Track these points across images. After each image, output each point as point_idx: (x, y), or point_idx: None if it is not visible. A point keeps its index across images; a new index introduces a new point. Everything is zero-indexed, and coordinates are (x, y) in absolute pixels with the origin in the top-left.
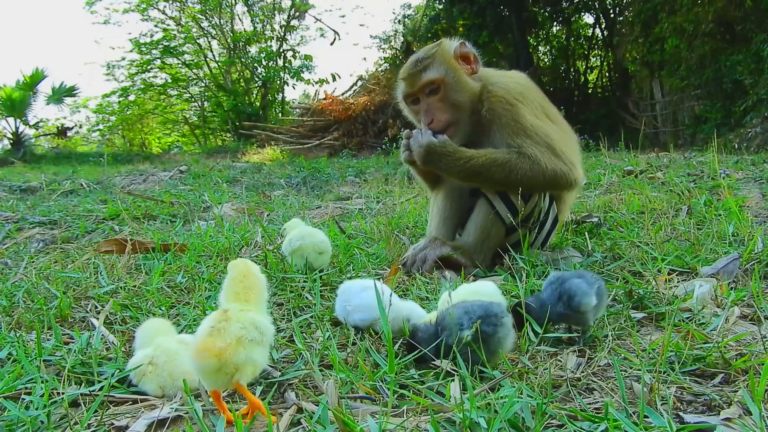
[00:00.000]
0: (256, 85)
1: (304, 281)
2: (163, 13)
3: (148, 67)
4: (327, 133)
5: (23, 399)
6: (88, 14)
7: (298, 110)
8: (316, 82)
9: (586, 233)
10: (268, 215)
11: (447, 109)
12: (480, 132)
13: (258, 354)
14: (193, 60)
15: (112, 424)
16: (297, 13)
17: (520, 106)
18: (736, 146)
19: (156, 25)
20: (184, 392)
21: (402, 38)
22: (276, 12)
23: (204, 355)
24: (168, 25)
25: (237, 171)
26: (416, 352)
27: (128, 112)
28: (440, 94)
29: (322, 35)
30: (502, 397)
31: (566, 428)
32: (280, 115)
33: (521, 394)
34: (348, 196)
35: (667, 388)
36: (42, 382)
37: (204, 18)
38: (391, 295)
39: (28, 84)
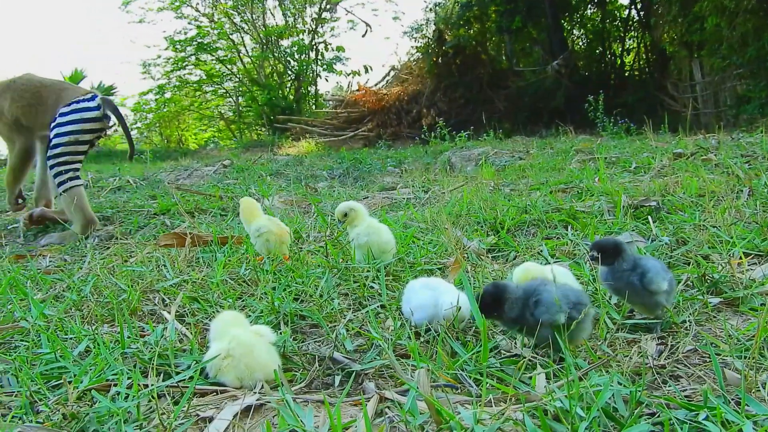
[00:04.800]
0: (290, 78)
1: (368, 271)
2: (197, 10)
3: (183, 64)
4: (361, 125)
5: (108, 391)
6: (123, 14)
7: (331, 102)
8: (349, 74)
9: (650, 217)
10: (314, 208)
11: None
12: None
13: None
14: (226, 56)
15: (197, 415)
16: (328, 6)
17: None
18: None
19: (190, 23)
20: (272, 382)
21: (434, 26)
22: (307, 5)
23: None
24: (201, 21)
25: (279, 164)
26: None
27: (165, 110)
28: None
29: (352, 27)
30: (593, 386)
31: (659, 417)
32: (313, 107)
33: (612, 382)
34: (392, 186)
35: (758, 375)
36: (125, 374)
37: (236, 13)
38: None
39: None
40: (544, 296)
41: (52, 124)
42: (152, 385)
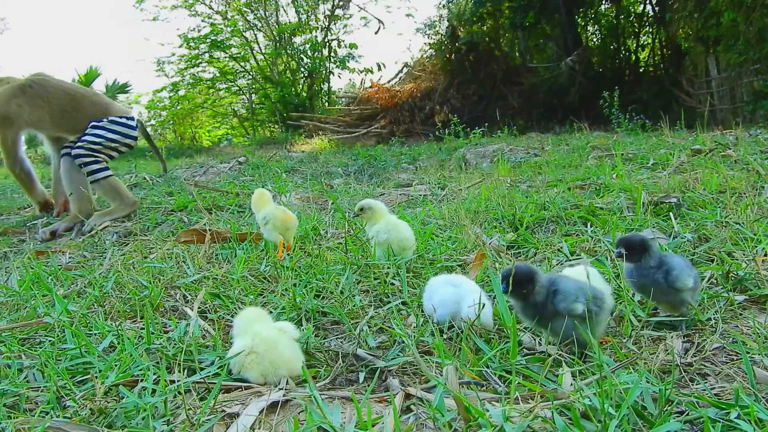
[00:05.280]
0: (302, 75)
1: (388, 268)
2: (210, 7)
3: (197, 62)
4: (374, 122)
5: (134, 387)
6: (138, 12)
7: (344, 99)
8: (362, 71)
9: (671, 214)
10: (332, 204)
11: None
12: None
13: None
14: (239, 53)
15: (223, 411)
16: (341, 3)
17: None
18: None
19: (203, 20)
20: (296, 378)
21: (447, 23)
22: (320, 2)
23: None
24: (215, 19)
25: (294, 161)
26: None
27: (179, 107)
28: None
29: (365, 24)
30: (622, 384)
31: (688, 415)
32: (326, 104)
33: (641, 380)
34: (408, 183)
35: None
36: (150, 370)
37: (249, 11)
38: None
39: (83, 82)
40: (561, 285)
41: (95, 126)
42: (179, 380)
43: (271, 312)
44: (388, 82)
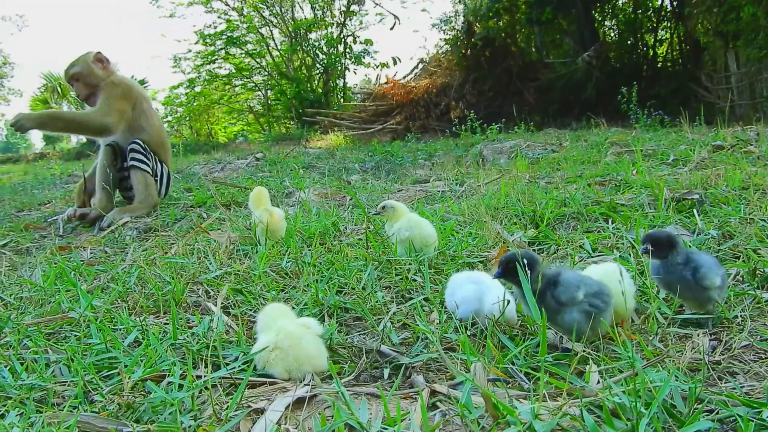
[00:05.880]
0: (318, 71)
1: (409, 264)
2: (226, 4)
3: (213, 58)
4: (389, 118)
5: (161, 382)
6: (154, 9)
7: (359, 95)
8: (377, 67)
9: (695, 211)
10: (350, 200)
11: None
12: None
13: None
14: (255, 49)
15: (249, 406)
16: None
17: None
18: None
19: (219, 17)
20: (321, 373)
21: (463, 18)
22: None
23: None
24: (230, 15)
25: (311, 157)
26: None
27: (195, 103)
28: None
29: (381, 21)
30: (651, 381)
31: (718, 414)
32: (342, 100)
33: (671, 378)
34: (425, 179)
35: None
36: (177, 365)
37: (265, 7)
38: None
39: None
40: (563, 276)
41: None
42: (205, 376)
43: (293, 308)
44: (404, 77)
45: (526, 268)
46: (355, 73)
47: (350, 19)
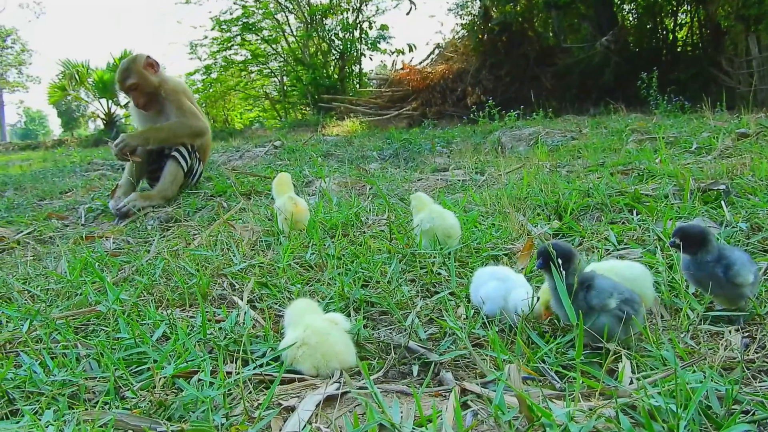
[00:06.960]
0: (334, 57)
1: (434, 257)
2: None
3: (229, 45)
4: (405, 104)
5: (191, 378)
6: None
7: (375, 81)
8: (393, 53)
9: (723, 202)
10: (370, 189)
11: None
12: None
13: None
14: (271, 35)
15: (280, 404)
16: None
17: (180, 95)
18: None
19: (235, 3)
20: (349, 370)
21: (479, 3)
22: None
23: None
24: (246, 1)
25: (329, 144)
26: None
27: (211, 90)
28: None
29: (397, 6)
30: (687, 382)
31: (754, 415)
32: (357, 86)
33: (704, 378)
34: (444, 167)
35: None
36: (208, 362)
37: None
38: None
39: (117, 65)
40: (596, 282)
41: None
42: (238, 373)
43: (319, 302)
44: (420, 63)
45: (563, 262)
46: (371, 59)
47: (366, 5)
